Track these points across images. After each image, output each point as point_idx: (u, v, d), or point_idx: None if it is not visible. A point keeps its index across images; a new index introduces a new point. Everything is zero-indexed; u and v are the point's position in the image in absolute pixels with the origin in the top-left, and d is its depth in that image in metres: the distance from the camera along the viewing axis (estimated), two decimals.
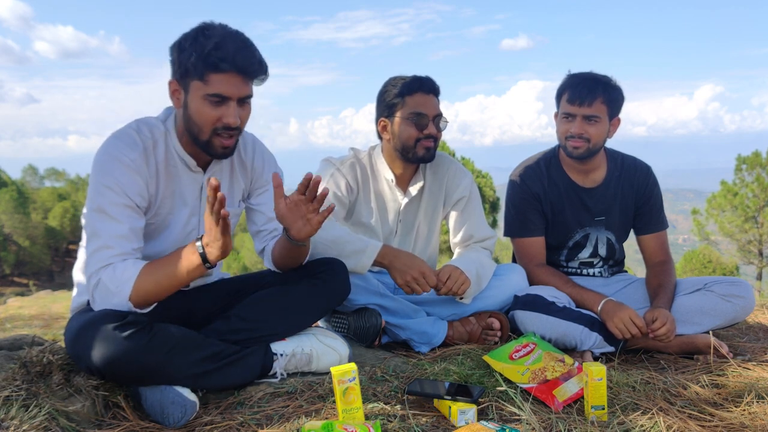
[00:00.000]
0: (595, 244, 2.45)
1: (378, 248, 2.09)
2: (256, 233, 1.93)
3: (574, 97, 2.23)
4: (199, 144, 1.65)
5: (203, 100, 1.57)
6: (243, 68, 1.56)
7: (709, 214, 22.07)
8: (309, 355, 1.80)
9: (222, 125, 1.60)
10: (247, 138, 1.89)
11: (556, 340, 2.07)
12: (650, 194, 2.41)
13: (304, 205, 1.59)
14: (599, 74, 2.28)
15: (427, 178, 2.42)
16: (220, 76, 1.55)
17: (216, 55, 1.52)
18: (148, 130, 1.66)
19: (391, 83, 2.28)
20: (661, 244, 2.43)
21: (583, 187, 2.40)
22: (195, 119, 1.60)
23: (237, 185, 1.87)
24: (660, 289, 2.24)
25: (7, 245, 35.31)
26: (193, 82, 1.57)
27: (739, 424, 1.50)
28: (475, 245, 2.39)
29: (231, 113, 1.58)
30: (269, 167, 1.91)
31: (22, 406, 1.40)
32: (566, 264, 2.51)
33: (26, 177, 41.39)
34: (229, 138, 1.63)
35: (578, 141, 2.25)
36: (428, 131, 2.21)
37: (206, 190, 1.46)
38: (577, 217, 2.41)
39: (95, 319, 1.51)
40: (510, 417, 1.53)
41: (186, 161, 1.71)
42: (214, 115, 1.58)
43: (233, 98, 1.58)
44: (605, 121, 2.25)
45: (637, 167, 2.43)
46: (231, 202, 1.84)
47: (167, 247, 1.73)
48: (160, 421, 1.52)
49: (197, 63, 1.53)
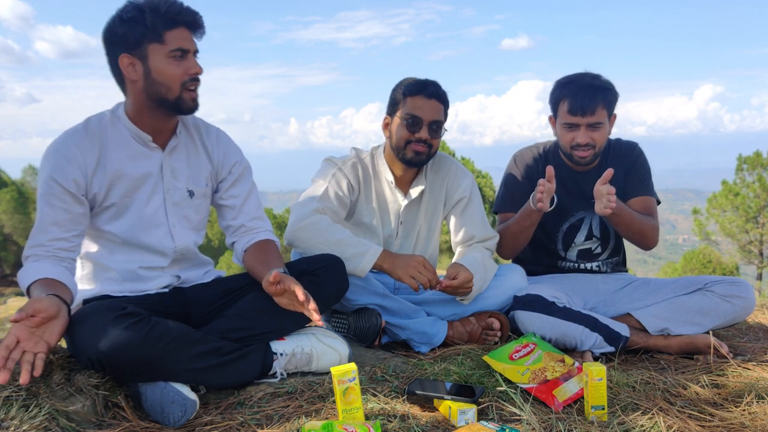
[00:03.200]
0: (590, 226, 2.48)
1: (378, 252, 2.09)
2: (226, 227, 1.99)
3: (576, 108, 2.24)
4: (168, 104, 1.72)
5: (167, 58, 1.67)
6: (191, 22, 1.70)
7: (710, 214, 22.05)
8: (309, 355, 1.80)
9: (189, 77, 1.70)
10: (211, 128, 1.97)
11: (556, 340, 2.07)
12: (634, 162, 2.44)
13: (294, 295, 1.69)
14: (592, 77, 2.29)
15: (428, 179, 2.42)
16: (175, 32, 1.67)
17: (169, 13, 1.65)
18: (96, 119, 1.77)
19: (401, 82, 2.29)
20: (647, 208, 2.40)
21: (578, 171, 2.44)
22: (162, 80, 1.68)
23: (203, 165, 1.92)
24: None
25: (7, 245, 35.32)
26: (150, 46, 1.66)
27: (739, 424, 1.50)
28: (477, 245, 2.39)
29: (194, 63, 1.71)
30: (232, 157, 1.97)
31: (22, 406, 1.40)
32: (564, 254, 2.51)
33: (26, 177, 41.41)
34: (195, 89, 1.74)
35: (585, 150, 2.29)
36: (419, 135, 2.21)
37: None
38: (573, 200, 2.44)
39: (94, 311, 1.54)
40: (510, 417, 1.53)
41: (141, 137, 1.78)
42: (180, 69, 1.68)
43: (191, 50, 1.71)
44: (607, 123, 2.30)
45: (623, 144, 2.48)
46: (196, 180, 1.90)
47: (133, 227, 1.80)
48: (160, 420, 1.53)
49: (153, 25, 1.63)
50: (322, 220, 2.13)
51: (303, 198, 2.24)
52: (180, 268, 1.92)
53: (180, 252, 1.88)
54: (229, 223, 1.98)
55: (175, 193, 1.85)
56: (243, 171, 1.99)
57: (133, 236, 1.80)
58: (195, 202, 1.90)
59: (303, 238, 2.11)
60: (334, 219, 2.23)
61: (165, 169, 1.82)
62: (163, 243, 1.84)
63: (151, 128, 1.78)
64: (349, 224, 2.37)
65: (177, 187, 1.85)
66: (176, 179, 1.85)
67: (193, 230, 1.93)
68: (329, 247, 2.06)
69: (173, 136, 1.84)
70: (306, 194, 2.25)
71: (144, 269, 1.83)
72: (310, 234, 2.10)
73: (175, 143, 1.85)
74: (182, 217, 1.88)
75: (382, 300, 2.18)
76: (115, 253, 1.82)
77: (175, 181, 1.85)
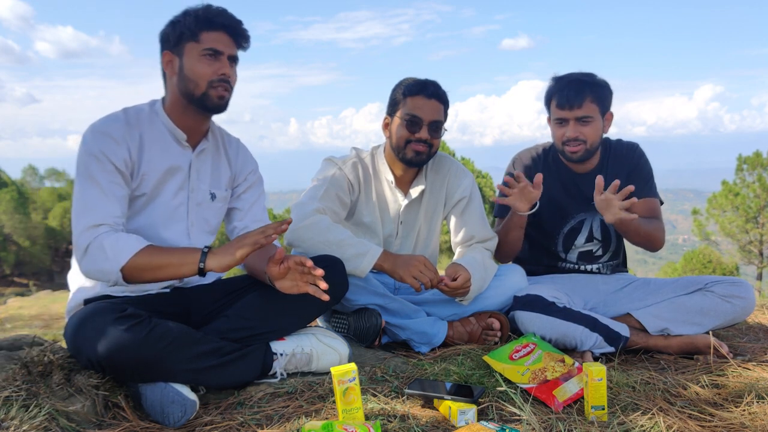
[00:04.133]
0: (590, 229, 2.47)
1: (378, 253, 2.09)
2: (232, 230, 2.02)
3: (563, 102, 2.25)
4: (195, 101, 1.76)
5: (199, 56, 1.73)
6: (230, 27, 1.75)
7: (710, 214, 22.06)
8: (309, 355, 1.80)
9: (217, 77, 1.74)
10: (232, 138, 2.02)
11: (556, 340, 2.07)
12: (636, 164, 2.42)
13: (299, 273, 1.69)
14: (583, 73, 2.30)
15: (428, 179, 2.42)
16: (212, 34, 1.73)
17: (207, 15, 1.73)
18: (134, 110, 1.80)
19: (401, 82, 2.29)
20: (651, 210, 2.39)
21: (578, 173, 2.44)
22: (191, 76, 1.74)
23: (224, 171, 1.96)
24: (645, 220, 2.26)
25: (7, 245, 35.32)
26: (187, 44, 1.73)
27: (739, 425, 1.50)
28: (477, 245, 2.39)
29: (225, 65, 1.75)
30: (249, 166, 2.02)
31: (22, 406, 1.40)
32: (565, 256, 2.51)
33: (26, 177, 41.38)
34: (224, 90, 1.76)
35: (575, 145, 2.28)
36: (419, 135, 2.21)
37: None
38: (573, 202, 2.44)
39: (94, 312, 1.54)
40: (510, 417, 1.53)
41: (175, 134, 1.81)
42: (210, 68, 1.73)
43: (225, 53, 1.75)
44: (598, 119, 2.28)
45: (623, 145, 2.47)
46: (218, 184, 1.94)
47: (154, 220, 1.81)
48: (160, 420, 1.53)
49: (191, 25, 1.71)
50: (323, 220, 2.13)
51: (303, 198, 2.24)
52: None
53: None
54: (234, 224, 2.00)
55: (199, 193, 1.87)
56: (256, 180, 2.04)
57: (152, 229, 1.80)
58: (216, 206, 1.93)
59: (303, 238, 2.11)
60: (335, 219, 2.23)
61: (192, 169, 1.86)
62: (180, 240, 1.84)
63: (186, 127, 1.82)
64: (349, 224, 2.37)
65: (201, 189, 1.88)
66: (201, 181, 1.88)
67: (209, 233, 1.94)
68: (329, 248, 2.06)
69: (204, 139, 1.88)
70: (306, 194, 2.25)
71: None
72: (310, 234, 2.10)
73: (204, 146, 1.88)
74: (202, 219, 1.90)
75: (382, 300, 2.18)
76: None
77: (200, 182, 1.88)
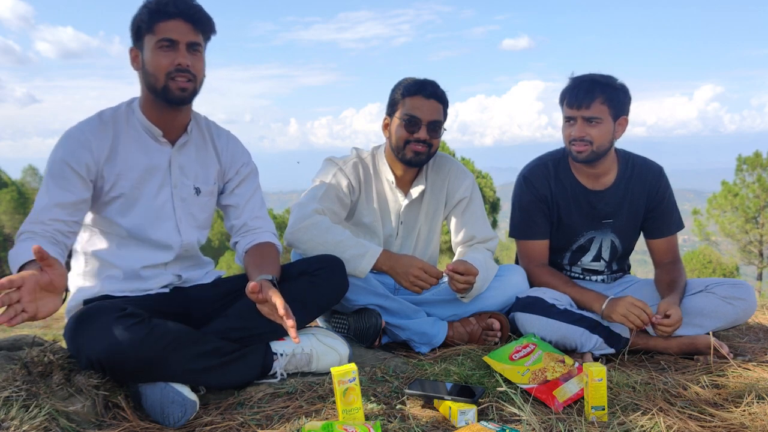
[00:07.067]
0: (599, 248, 2.43)
1: (378, 253, 2.09)
2: (230, 228, 2.01)
3: (573, 100, 2.20)
4: (159, 94, 1.74)
5: (155, 48, 1.70)
6: (186, 13, 1.70)
7: (710, 215, 22.06)
8: (309, 356, 1.80)
9: (174, 67, 1.70)
10: (222, 130, 2.00)
11: (557, 342, 2.07)
12: (662, 197, 2.36)
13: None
14: (600, 75, 2.23)
15: (429, 180, 2.42)
16: (168, 23, 1.69)
17: (159, 5, 1.69)
18: (111, 110, 1.81)
19: (400, 82, 2.29)
20: (671, 247, 2.40)
21: (592, 190, 2.35)
22: (150, 70, 1.72)
23: (212, 164, 1.95)
24: (673, 285, 2.21)
25: (7, 245, 35.29)
26: (146, 37, 1.72)
27: (739, 425, 1.50)
28: (478, 246, 2.39)
29: (181, 54, 1.70)
30: (240, 159, 2.00)
31: (22, 406, 1.40)
32: (570, 268, 2.49)
33: (26, 177, 41.39)
34: (185, 81, 1.72)
35: (581, 144, 2.20)
36: (418, 135, 2.21)
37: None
38: (584, 220, 2.38)
39: (95, 312, 1.54)
40: (510, 417, 1.53)
41: (151, 131, 1.81)
42: (166, 60, 1.70)
43: (181, 42, 1.70)
44: (608, 121, 2.19)
45: (648, 168, 2.37)
46: (204, 179, 1.93)
47: (143, 220, 1.81)
48: (160, 420, 1.53)
49: (146, 16, 1.69)
50: (323, 220, 2.13)
51: (303, 198, 2.24)
52: (182, 267, 1.92)
53: (185, 248, 1.89)
54: (232, 222, 1.99)
55: (183, 189, 1.87)
56: (249, 173, 2.02)
57: (141, 230, 1.81)
58: (201, 200, 1.92)
59: (303, 239, 2.11)
60: (335, 219, 2.22)
61: (173, 165, 1.85)
62: (171, 237, 1.85)
63: (161, 122, 1.82)
64: (349, 224, 2.37)
65: (185, 184, 1.88)
66: (185, 176, 1.87)
67: (199, 228, 1.94)
68: (329, 248, 2.06)
69: (184, 133, 1.87)
70: (306, 194, 2.25)
71: (147, 268, 1.83)
72: (310, 235, 2.10)
73: (185, 140, 1.87)
74: (189, 214, 1.90)
75: (382, 300, 2.18)
76: (122, 248, 1.82)
77: (183, 177, 1.87)
